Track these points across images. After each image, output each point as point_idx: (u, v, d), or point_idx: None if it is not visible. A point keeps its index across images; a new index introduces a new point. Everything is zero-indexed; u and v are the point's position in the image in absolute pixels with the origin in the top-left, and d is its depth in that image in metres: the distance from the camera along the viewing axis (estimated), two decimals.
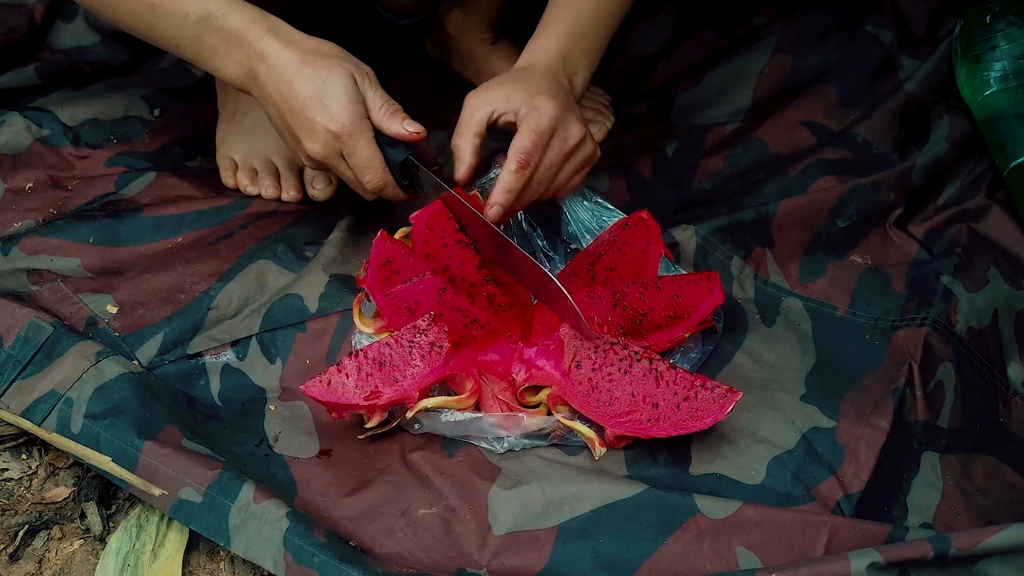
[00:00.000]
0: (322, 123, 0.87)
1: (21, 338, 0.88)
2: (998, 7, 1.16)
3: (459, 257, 0.94)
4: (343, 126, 0.87)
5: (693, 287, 0.94)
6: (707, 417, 0.83)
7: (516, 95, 0.91)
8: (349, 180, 0.93)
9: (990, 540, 0.70)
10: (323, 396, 0.84)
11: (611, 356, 0.85)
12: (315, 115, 0.87)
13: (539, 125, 0.89)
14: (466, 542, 0.79)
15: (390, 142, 0.91)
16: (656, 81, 1.32)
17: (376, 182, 0.91)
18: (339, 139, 0.88)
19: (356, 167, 0.90)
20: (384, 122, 0.90)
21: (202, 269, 1.01)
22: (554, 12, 0.97)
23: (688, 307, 0.93)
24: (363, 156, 0.89)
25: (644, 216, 0.98)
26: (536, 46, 0.97)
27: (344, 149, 0.89)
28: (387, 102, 0.90)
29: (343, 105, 0.87)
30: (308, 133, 0.88)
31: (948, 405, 0.93)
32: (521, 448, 0.86)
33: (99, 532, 0.82)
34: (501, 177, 0.90)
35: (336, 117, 0.87)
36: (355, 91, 0.88)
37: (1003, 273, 1.05)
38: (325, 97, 0.87)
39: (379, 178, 0.91)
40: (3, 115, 1.15)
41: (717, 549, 0.78)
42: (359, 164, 0.90)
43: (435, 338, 0.87)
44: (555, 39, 0.96)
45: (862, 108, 1.22)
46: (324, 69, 0.87)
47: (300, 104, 0.87)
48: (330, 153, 0.89)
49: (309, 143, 0.89)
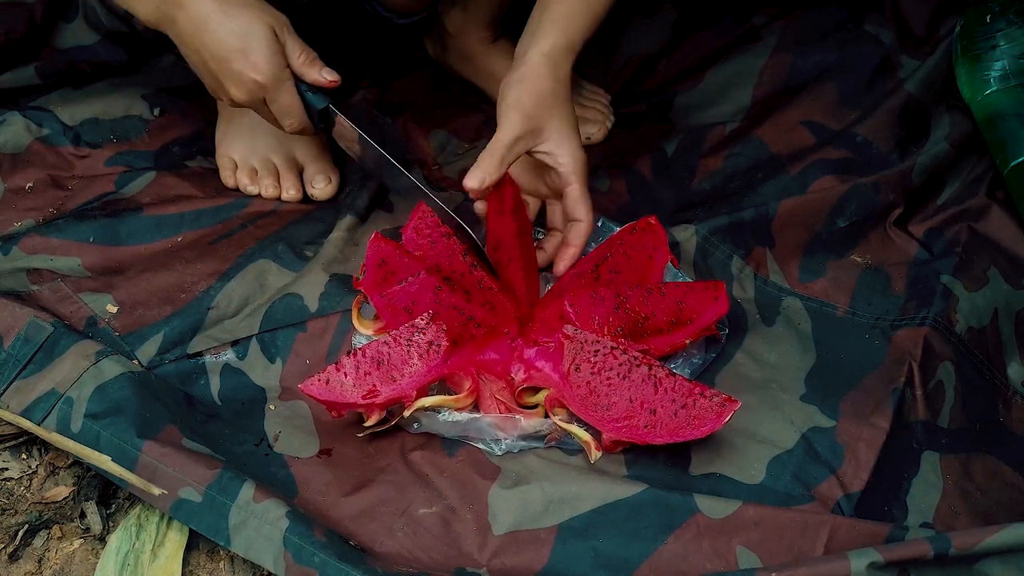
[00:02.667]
0: (248, 74, 0.93)
1: (21, 337, 0.88)
2: (998, 7, 1.16)
3: (446, 250, 0.95)
4: (267, 77, 0.94)
5: (698, 294, 0.94)
6: (704, 426, 0.82)
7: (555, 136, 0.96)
8: (269, 119, 1.00)
9: (990, 540, 0.70)
10: (321, 395, 0.84)
11: (610, 360, 0.85)
12: (240, 66, 0.93)
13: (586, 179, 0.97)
14: (466, 541, 0.79)
15: (310, 88, 0.98)
16: (656, 81, 1.32)
17: (296, 126, 0.99)
18: (263, 88, 0.95)
19: (277, 112, 0.98)
20: (303, 70, 0.97)
21: (202, 268, 1.01)
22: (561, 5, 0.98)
23: (691, 314, 0.93)
24: (284, 103, 0.97)
25: (652, 222, 0.98)
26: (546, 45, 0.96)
27: (267, 97, 0.96)
28: (305, 51, 0.97)
29: (266, 57, 0.93)
30: (233, 82, 0.95)
31: (948, 405, 0.93)
32: (519, 450, 0.86)
33: (99, 531, 0.82)
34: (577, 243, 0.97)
35: (260, 68, 0.93)
36: (276, 42, 0.94)
37: (1003, 273, 1.05)
38: (248, 50, 0.93)
39: (299, 123, 0.99)
40: (3, 115, 1.15)
41: (717, 549, 0.78)
42: (280, 110, 0.97)
43: (433, 337, 0.87)
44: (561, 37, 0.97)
45: (862, 108, 1.21)
46: (245, 21, 0.92)
47: (224, 55, 0.93)
48: (254, 100, 0.96)
49: (234, 90, 0.95)
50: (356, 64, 1.31)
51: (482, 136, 1.27)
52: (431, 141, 1.25)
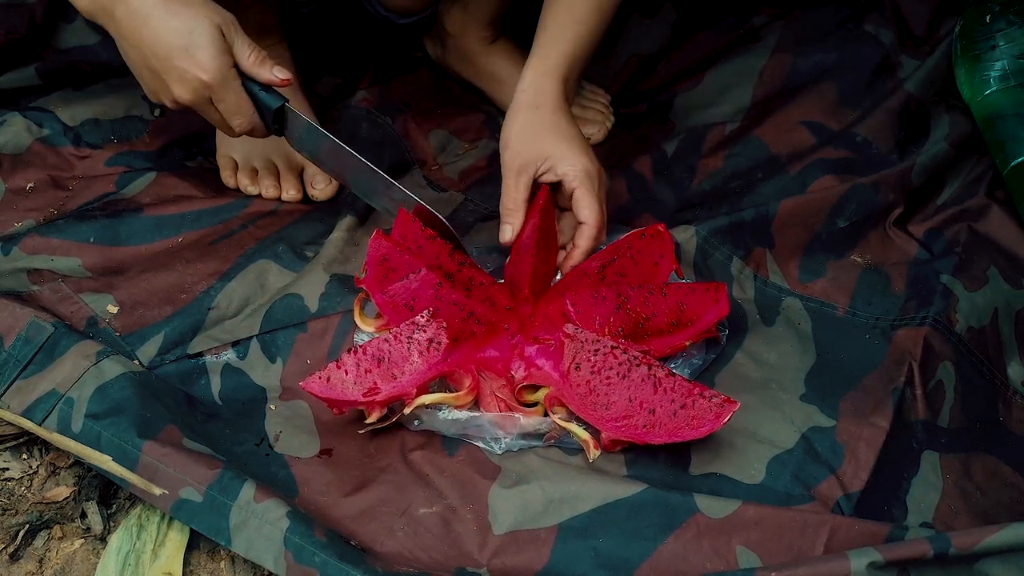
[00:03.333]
0: (192, 72, 0.89)
1: (22, 338, 0.88)
2: (998, 7, 1.16)
3: (433, 252, 0.95)
4: (213, 76, 0.90)
5: (700, 296, 0.94)
6: (703, 426, 0.82)
7: (553, 155, 0.97)
8: (214, 121, 0.96)
9: (990, 539, 0.70)
10: (322, 392, 0.84)
11: (610, 360, 0.85)
12: (184, 64, 0.89)
13: (595, 188, 0.98)
14: (466, 541, 0.79)
15: (263, 88, 0.94)
16: (656, 81, 1.32)
17: (245, 126, 0.95)
18: (209, 87, 0.91)
19: (225, 112, 0.93)
20: (254, 69, 0.93)
21: (202, 269, 1.01)
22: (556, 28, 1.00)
23: (692, 315, 0.93)
24: (232, 103, 0.93)
25: (661, 229, 0.98)
26: (539, 70, 1.00)
27: (213, 96, 0.92)
28: (255, 50, 0.93)
29: (211, 56, 0.89)
30: (176, 80, 0.90)
31: (948, 404, 0.93)
32: (518, 448, 0.86)
33: (100, 531, 0.82)
34: (585, 244, 0.97)
35: (206, 67, 0.89)
36: (222, 41, 0.90)
37: (1003, 272, 1.05)
38: (193, 48, 0.89)
39: (248, 122, 0.95)
40: (4, 115, 1.15)
41: (717, 548, 0.78)
42: (228, 110, 0.93)
43: (433, 334, 0.87)
44: (556, 58, 1.00)
45: (862, 108, 1.22)
46: (190, 19, 0.89)
47: (167, 53, 0.89)
48: (198, 99, 0.92)
49: (178, 90, 0.91)
50: (356, 64, 1.31)
51: (482, 136, 1.27)
52: (431, 141, 1.25)
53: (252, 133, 0.97)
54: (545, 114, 0.99)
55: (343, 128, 1.21)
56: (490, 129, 1.28)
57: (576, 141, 0.99)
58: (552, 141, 0.98)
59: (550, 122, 0.99)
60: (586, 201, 0.97)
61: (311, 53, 1.26)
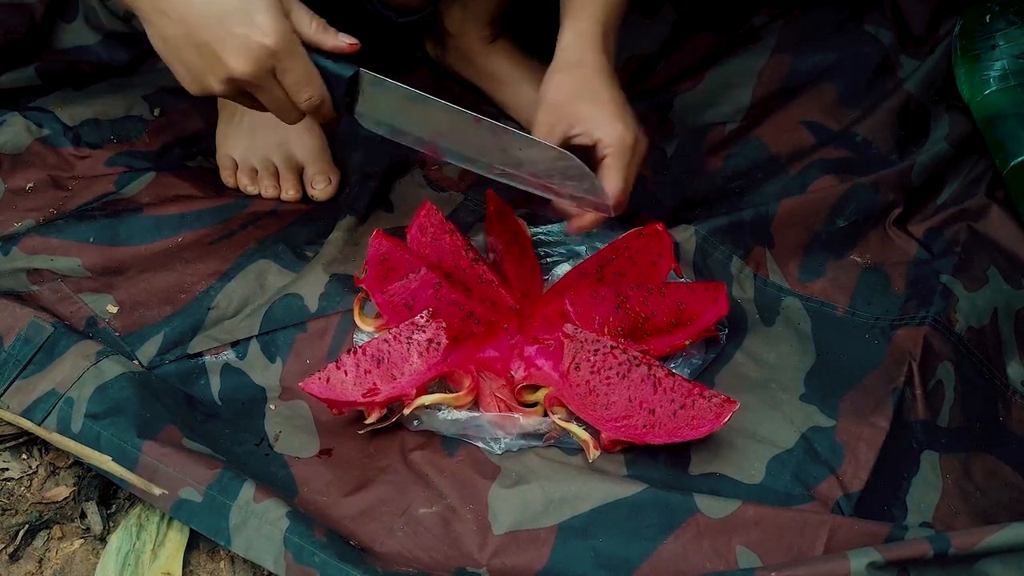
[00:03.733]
0: (255, 39, 0.78)
1: (21, 338, 0.88)
2: (997, 7, 1.16)
3: (450, 246, 0.96)
4: (278, 40, 0.79)
5: (699, 295, 0.94)
6: (703, 426, 0.82)
7: (590, 116, 0.91)
8: (275, 102, 0.84)
9: (990, 539, 0.70)
10: (322, 393, 0.84)
11: (610, 360, 0.85)
12: (244, 30, 0.78)
13: (626, 159, 0.90)
14: (466, 541, 0.79)
15: (328, 56, 0.85)
16: (656, 81, 1.32)
17: (315, 100, 0.84)
18: (274, 55, 0.80)
19: (292, 85, 0.82)
20: (320, 36, 0.83)
21: (202, 269, 1.01)
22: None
23: (692, 315, 0.93)
24: (300, 72, 0.82)
25: (659, 228, 0.98)
26: (576, 31, 0.94)
27: (278, 67, 0.81)
28: (315, 17, 0.83)
29: (274, 18, 0.78)
30: (234, 51, 0.78)
31: (948, 404, 0.93)
32: (518, 449, 0.86)
33: (99, 531, 0.82)
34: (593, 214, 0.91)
35: (268, 30, 0.78)
36: (279, 4, 0.80)
37: (1003, 272, 1.05)
38: (252, 10, 0.78)
39: (318, 95, 0.84)
40: (3, 115, 1.15)
41: (717, 548, 0.78)
42: (296, 82, 0.82)
43: (433, 335, 0.87)
44: (592, 21, 0.94)
45: (862, 108, 1.21)
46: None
47: (220, 19, 0.78)
48: (261, 72, 0.80)
49: (236, 62, 0.79)
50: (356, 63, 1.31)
51: None
52: None
53: (318, 113, 0.86)
54: (586, 72, 0.93)
55: (343, 128, 1.21)
56: None
57: (614, 104, 0.92)
58: (590, 102, 0.92)
59: (590, 82, 0.93)
60: (611, 173, 0.90)
61: None
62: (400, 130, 0.89)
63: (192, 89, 0.84)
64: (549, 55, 1.32)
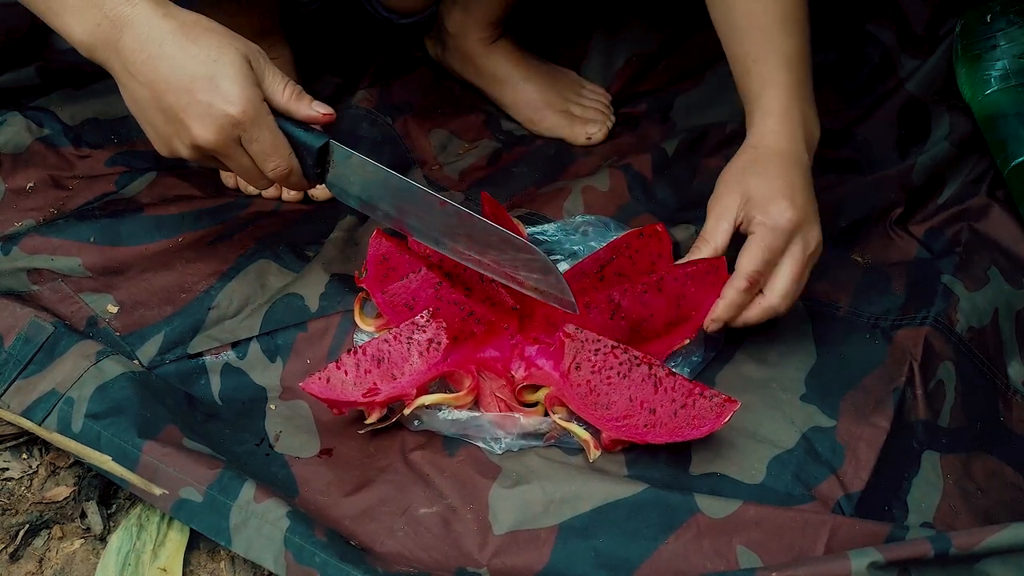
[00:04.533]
0: (219, 107, 0.77)
1: (22, 337, 0.88)
2: (998, 6, 1.16)
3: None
4: (244, 109, 0.78)
5: (698, 282, 0.91)
6: (704, 426, 0.82)
7: (753, 198, 0.87)
8: (242, 169, 0.83)
9: (991, 539, 0.70)
10: (322, 393, 0.84)
11: (611, 360, 0.85)
12: (208, 98, 0.77)
13: (774, 242, 0.85)
14: (466, 541, 0.79)
15: (299, 125, 0.83)
16: (656, 81, 1.32)
17: (281, 169, 0.83)
18: (239, 125, 0.78)
19: (258, 154, 0.81)
20: (292, 105, 0.82)
21: (203, 268, 1.01)
22: (759, 62, 0.90)
23: (691, 307, 0.92)
24: (267, 142, 0.80)
25: (659, 229, 0.98)
26: (761, 112, 0.89)
27: (244, 136, 0.80)
28: (289, 83, 0.82)
29: (240, 86, 0.77)
30: (198, 118, 0.77)
31: (949, 404, 0.93)
32: (518, 448, 0.86)
33: (100, 531, 0.82)
34: (725, 292, 0.86)
35: (234, 99, 0.77)
36: (250, 71, 0.79)
37: (1003, 272, 1.05)
38: (219, 78, 0.77)
39: (285, 164, 0.82)
40: (4, 115, 1.15)
41: (717, 548, 0.78)
42: (262, 151, 0.81)
43: (433, 334, 0.87)
44: (780, 99, 0.89)
45: (862, 108, 1.22)
46: (213, 47, 0.77)
47: (187, 85, 0.76)
48: (226, 141, 0.79)
49: (200, 130, 0.78)
50: (356, 64, 1.31)
51: (482, 136, 1.27)
52: (431, 141, 1.25)
53: (287, 181, 0.84)
54: (762, 155, 0.88)
55: (343, 128, 1.21)
56: (490, 129, 1.28)
57: (783, 185, 0.86)
58: (759, 182, 0.87)
59: (764, 164, 0.88)
60: (748, 249, 0.86)
61: (312, 53, 1.26)
62: (368, 203, 0.87)
63: (162, 151, 0.83)
64: (549, 55, 1.33)
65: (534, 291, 0.87)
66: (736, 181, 0.89)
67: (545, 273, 0.84)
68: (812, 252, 0.88)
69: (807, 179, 0.89)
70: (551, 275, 0.84)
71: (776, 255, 0.87)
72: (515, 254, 0.84)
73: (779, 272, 0.87)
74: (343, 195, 0.88)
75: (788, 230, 0.86)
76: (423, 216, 0.86)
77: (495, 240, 0.84)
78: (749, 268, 0.86)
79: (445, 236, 0.86)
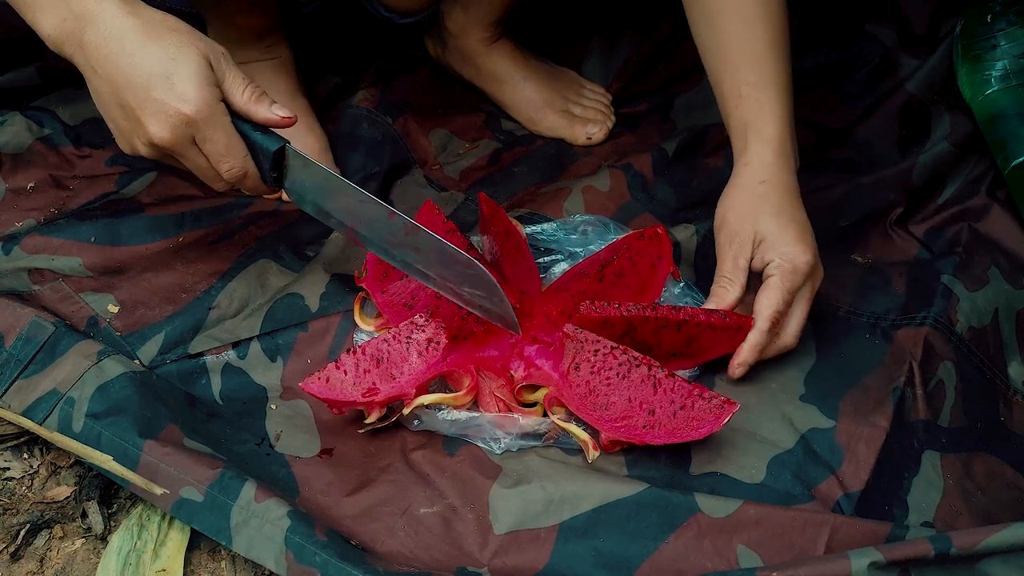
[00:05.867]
0: (173, 105, 0.77)
1: (23, 337, 0.88)
2: (999, 6, 1.16)
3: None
4: (198, 109, 0.78)
5: (721, 334, 0.90)
6: (703, 427, 0.82)
7: (768, 239, 0.89)
8: (199, 169, 0.83)
9: (991, 539, 0.70)
10: (322, 392, 0.84)
11: (610, 360, 0.85)
12: (164, 96, 0.77)
13: (793, 284, 0.88)
14: (467, 541, 0.80)
15: (258, 129, 0.83)
16: (656, 81, 1.32)
17: (236, 171, 0.83)
18: (193, 124, 0.79)
19: (213, 155, 0.81)
20: (251, 107, 0.81)
21: (203, 268, 1.01)
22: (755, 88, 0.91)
23: (699, 349, 0.91)
24: (221, 143, 0.80)
25: (660, 231, 0.98)
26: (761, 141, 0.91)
27: (198, 135, 0.80)
28: (250, 85, 0.81)
29: (196, 86, 0.78)
30: (153, 116, 0.78)
31: (949, 404, 0.93)
32: (518, 448, 0.86)
33: (100, 531, 0.83)
34: (751, 337, 0.89)
35: (189, 98, 0.77)
36: (209, 72, 0.79)
37: (1003, 272, 1.05)
38: (175, 76, 0.77)
39: (240, 167, 0.82)
40: (4, 115, 1.15)
41: (718, 548, 0.78)
42: (216, 152, 0.81)
43: (432, 334, 0.87)
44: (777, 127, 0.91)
45: (862, 108, 1.21)
46: (173, 45, 0.78)
47: (144, 82, 0.77)
48: (180, 140, 0.79)
49: (155, 127, 0.78)
50: (356, 64, 1.31)
51: (483, 136, 1.27)
52: (431, 141, 1.25)
53: (243, 184, 0.84)
54: (769, 190, 0.90)
55: (343, 128, 1.21)
56: (490, 129, 1.28)
57: (796, 226, 0.89)
58: (772, 222, 0.89)
59: (774, 201, 0.90)
60: (769, 292, 0.88)
61: (311, 53, 1.26)
62: (323, 210, 0.87)
63: (124, 149, 0.83)
64: (549, 55, 1.33)
65: (479, 309, 0.87)
66: (749, 217, 0.90)
67: (489, 291, 0.84)
68: (818, 288, 0.92)
69: (805, 211, 0.92)
70: (495, 293, 0.84)
71: (793, 296, 0.90)
72: (460, 269, 0.85)
73: (794, 314, 0.91)
74: (300, 201, 0.87)
75: (806, 272, 0.89)
76: (373, 226, 0.86)
77: (441, 255, 0.85)
78: (771, 311, 0.88)
79: (394, 247, 0.86)
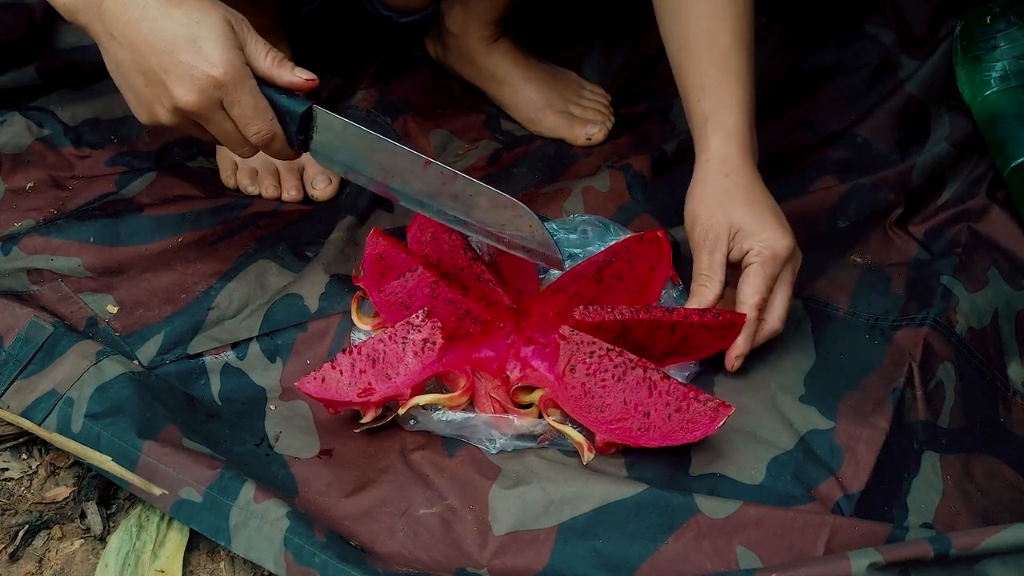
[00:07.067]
0: (200, 68, 0.77)
1: (22, 337, 0.88)
2: (998, 7, 1.16)
3: (448, 244, 0.95)
4: (226, 71, 0.78)
5: (710, 333, 0.90)
6: (698, 430, 0.82)
7: (743, 228, 0.90)
8: (225, 134, 0.83)
9: (991, 540, 0.70)
10: (317, 392, 0.84)
11: (606, 362, 0.85)
12: (190, 59, 0.77)
13: (774, 270, 0.89)
14: (466, 541, 0.79)
15: (282, 92, 0.83)
16: (656, 81, 1.32)
17: (264, 134, 0.83)
18: (220, 86, 0.78)
19: (240, 117, 0.81)
20: (274, 71, 0.82)
21: (202, 269, 1.01)
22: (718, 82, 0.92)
23: (693, 348, 0.91)
24: (248, 106, 0.80)
25: (660, 235, 0.98)
26: (723, 133, 0.92)
27: (225, 98, 0.80)
28: (272, 49, 0.82)
29: (223, 48, 0.78)
30: (179, 79, 0.78)
31: (948, 405, 0.93)
32: (513, 449, 0.86)
33: (99, 532, 0.82)
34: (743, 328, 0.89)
35: (216, 61, 0.77)
36: (233, 35, 0.79)
37: (1003, 273, 1.05)
38: (201, 39, 0.77)
39: (268, 129, 0.82)
40: (4, 115, 1.15)
41: (717, 548, 0.78)
42: (244, 114, 0.81)
43: (428, 334, 0.87)
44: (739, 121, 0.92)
45: (862, 108, 1.21)
46: (195, 10, 0.78)
47: (168, 46, 0.77)
48: (207, 103, 0.79)
49: (181, 91, 0.78)
50: (356, 64, 1.31)
51: (482, 136, 1.27)
52: (431, 141, 1.25)
53: (270, 148, 0.84)
54: (737, 182, 0.91)
55: None
56: (490, 129, 1.28)
57: (770, 213, 0.90)
58: (745, 212, 0.90)
59: (744, 192, 0.91)
60: (751, 280, 0.89)
61: (311, 53, 1.26)
62: (353, 169, 0.88)
63: (142, 118, 0.83)
64: (549, 55, 1.33)
65: (520, 249, 0.87)
66: (720, 211, 0.90)
67: (531, 228, 0.84)
68: (798, 270, 0.93)
69: (773, 197, 0.93)
70: (538, 232, 0.84)
71: (775, 281, 0.91)
72: (501, 211, 0.84)
73: (777, 297, 0.92)
74: (328, 162, 0.88)
75: (785, 258, 0.90)
76: (407, 178, 0.86)
77: (480, 199, 0.85)
78: (756, 299, 0.89)
79: (430, 198, 0.86)
